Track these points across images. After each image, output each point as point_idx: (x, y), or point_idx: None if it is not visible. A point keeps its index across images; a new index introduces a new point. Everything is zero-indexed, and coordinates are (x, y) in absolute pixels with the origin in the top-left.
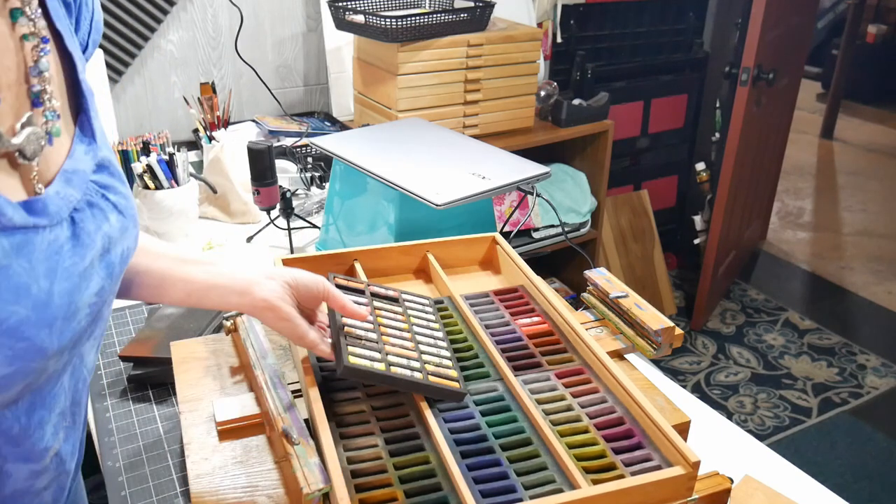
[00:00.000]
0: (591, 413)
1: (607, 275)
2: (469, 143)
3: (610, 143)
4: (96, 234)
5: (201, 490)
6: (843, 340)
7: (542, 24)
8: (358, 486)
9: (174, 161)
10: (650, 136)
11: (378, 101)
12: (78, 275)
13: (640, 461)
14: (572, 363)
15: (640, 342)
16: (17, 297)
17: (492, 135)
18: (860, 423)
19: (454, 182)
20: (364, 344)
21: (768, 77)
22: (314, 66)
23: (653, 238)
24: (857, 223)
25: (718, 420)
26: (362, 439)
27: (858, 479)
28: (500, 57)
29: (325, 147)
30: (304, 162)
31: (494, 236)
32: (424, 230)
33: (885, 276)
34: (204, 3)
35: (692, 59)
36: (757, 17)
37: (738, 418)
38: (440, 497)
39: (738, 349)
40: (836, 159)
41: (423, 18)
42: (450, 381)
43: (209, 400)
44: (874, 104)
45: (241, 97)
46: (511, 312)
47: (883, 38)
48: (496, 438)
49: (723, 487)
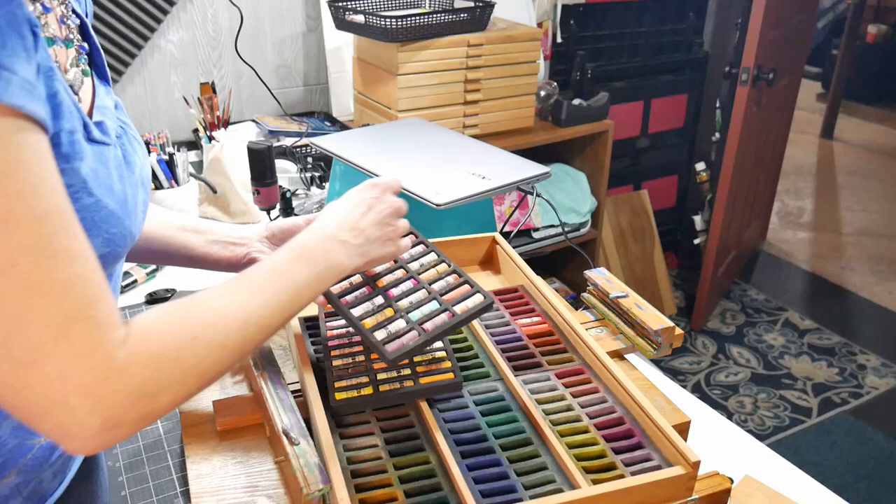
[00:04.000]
0: (591, 413)
1: (607, 275)
2: (469, 143)
3: (610, 143)
4: (133, 156)
5: (201, 490)
6: (843, 340)
7: (542, 24)
8: (358, 486)
9: (174, 161)
10: (650, 136)
11: (378, 101)
12: (133, 185)
13: (640, 461)
14: (572, 363)
15: (640, 342)
16: (108, 193)
17: (492, 135)
18: (860, 423)
19: (454, 182)
20: (349, 372)
21: (768, 77)
22: (314, 66)
23: (653, 238)
24: (857, 223)
25: (718, 420)
26: (362, 439)
27: (858, 479)
28: (500, 57)
29: (325, 147)
30: (304, 162)
31: (494, 236)
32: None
33: (885, 276)
34: (204, 3)
35: (692, 59)
36: (757, 17)
37: (738, 418)
38: (440, 497)
39: (738, 349)
40: (836, 159)
41: (423, 18)
42: (443, 374)
43: (209, 400)
44: (874, 104)
45: (241, 97)
46: (511, 312)
47: (883, 38)
48: (496, 438)
49: (723, 487)
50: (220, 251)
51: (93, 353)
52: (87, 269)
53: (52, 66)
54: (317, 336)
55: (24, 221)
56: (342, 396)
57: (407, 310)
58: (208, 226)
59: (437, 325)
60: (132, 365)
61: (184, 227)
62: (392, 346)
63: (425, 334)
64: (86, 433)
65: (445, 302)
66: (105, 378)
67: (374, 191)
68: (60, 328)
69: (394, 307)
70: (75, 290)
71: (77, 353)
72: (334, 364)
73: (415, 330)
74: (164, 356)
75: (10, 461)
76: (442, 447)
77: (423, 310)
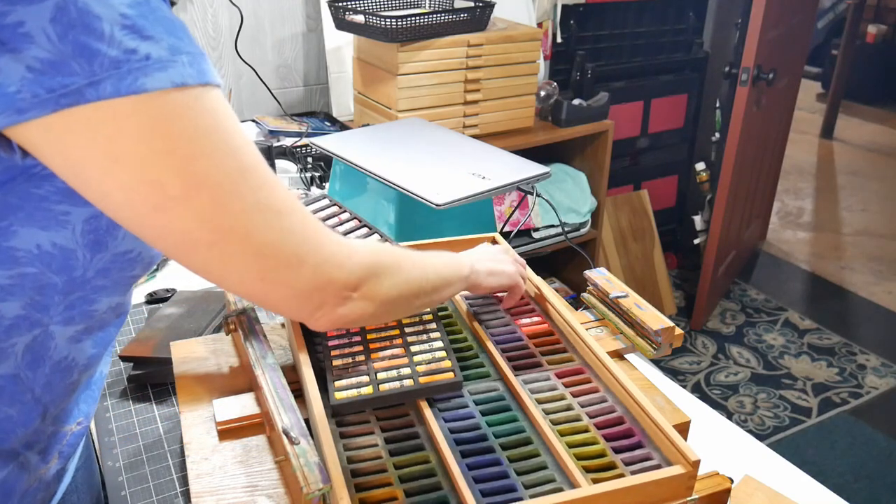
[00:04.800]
0: (591, 412)
1: (607, 275)
2: (469, 143)
3: (610, 143)
4: None
5: (201, 490)
6: (843, 340)
7: (542, 24)
8: (358, 485)
9: None
10: (650, 135)
11: (378, 101)
12: None
13: (640, 460)
14: (572, 363)
15: (640, 342)
16: None
17: (492, 135)
18: (860, 423)
19: (454, 182)
20: (349, 372)
21: (768, 77)
22: (314, 66)
23: (653, 238)
24: (857, 223)
25: (718, 420)
26: (362, 439)
27: (858, 479)
28: (500, 57)
29: (325, 147)
30: (304, 162)
31: (494, 236)
32: (424, 230)
33: (885, 276)
34: (204, 3)
35: (692, 59)
36: (757, 17)
37: (738, 418)
38: (440, 497)
39: (738, 349)
40: (836, 159)
41: (423, 18)
42: (444, 374)
43: (209, 400)
44: (874, 104)
45: (241, 97)
46: (511, 312)
47: (883, 38)
48: (496, 438)
49: (723, 487)
50: None
51: (345, 261)
52: None
53: None
54: (317, 336)
55: (259, 160)
56: (342, 396)
57: (375, 365)
58: None
59: (393, 389)
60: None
61: None
62: (340, 395)
63: (378, 393)
64: (347, 286)
65: (417, 369)
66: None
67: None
68: (317, 232)
69: (369, 358)
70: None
71: (334, 253)
72: (334, 364)
73: (371, 385)
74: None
75: (51, 447)
76: (442, 447)
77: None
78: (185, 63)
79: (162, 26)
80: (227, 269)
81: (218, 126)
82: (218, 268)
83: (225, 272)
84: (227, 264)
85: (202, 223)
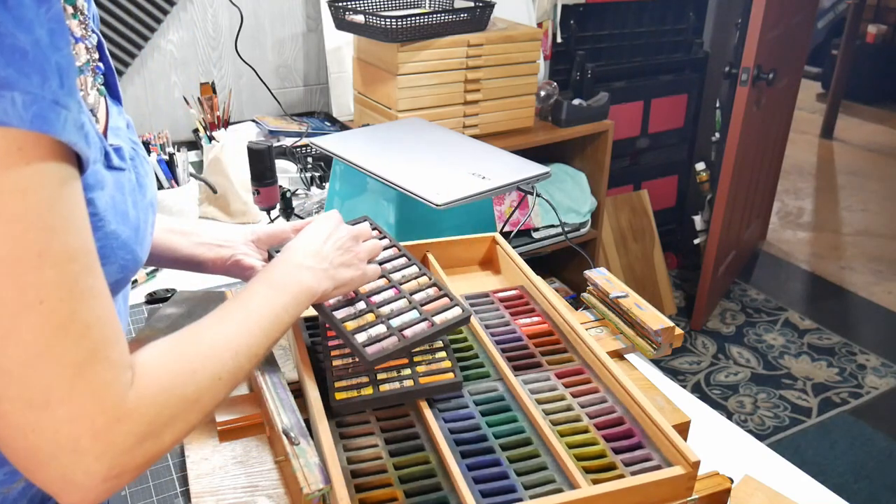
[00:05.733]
0: (591, 413)
1: (607, 275)
2: (469, 143)
3: (610, 143)
4: (145, 178)
5: (201, 490)
6: (843, 340)
7: (542, 24)
8: (358, 486)
9: (174, 161)
10: (650, 135)
11: (378, 101)
12: (144, 209)
13: (640, 461)
14: (572, 363)
15: (640, 342)
16: (124, 220)
17: (492, 135)
18: (860, 423)
19: (454, 182)
20: (349, 372)
21: (768, 77)
22: (314, 66)
23: (653, 238)
24: (857, 223)
25: (718, 420)
26: (362, 439)
27: (858, 479)
28: (500, 57)
29: (325, 147)
30: (304, 162)
31: (494, 236)
32: (424, 230)
33: (885, 276)
34: (204, 3)
35: (692, 59)
36: (757, 17)
37: (738, 418)
38: (440, 497)
39: (738, 349)
40: (836, 159)
41: (423, 18)
42: (443, 374)
43: None
44: (874, 104)
45: (241, 97)
46: (511, 312)
47: (883, 38)
48: (496, 438)
49: (723, 487)
50: (206, 253)
51: (106, 395)
52: (107, 309)
53: (80, 98)
54: (317, 336)
55: (58, 258)
56: (342, 396)
57: (388, 316)
58: (194, 228)
59: (416, 332)
60: (141, 405)
61: (171, 230)
62: (372, 349)
63: (405, 340)
64: (90, 481)
65: (425, 312)
66: (117, 420)
67: (331, 221)
68: (78, 368)
69: (375, 312)
70: (95, 330)
71: (92, 394)
72: (334, 364)
73: (395, 336)
74: (169, 392)
75: None
76: (442, 447)
77: (403, 318)
78: (13, 101)
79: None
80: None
81: (28, 206)
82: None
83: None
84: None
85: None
